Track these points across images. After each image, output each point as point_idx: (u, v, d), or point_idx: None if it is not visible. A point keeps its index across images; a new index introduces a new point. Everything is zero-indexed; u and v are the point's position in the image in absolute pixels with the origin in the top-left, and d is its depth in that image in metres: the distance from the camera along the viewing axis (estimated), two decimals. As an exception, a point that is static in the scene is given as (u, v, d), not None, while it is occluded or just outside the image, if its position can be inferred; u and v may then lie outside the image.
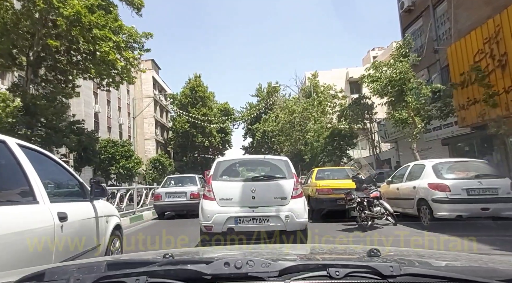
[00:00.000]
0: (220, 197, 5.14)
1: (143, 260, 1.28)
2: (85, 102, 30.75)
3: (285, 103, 35.87)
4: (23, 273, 1.00)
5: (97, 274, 0.93)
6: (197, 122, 45.49)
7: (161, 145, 48.34)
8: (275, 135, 37.09)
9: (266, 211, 5.01)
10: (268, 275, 0.87)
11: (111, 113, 36.55)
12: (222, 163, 5.78)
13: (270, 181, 5.33)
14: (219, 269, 0.88)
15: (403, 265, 0.90)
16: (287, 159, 5.82)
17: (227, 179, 5.47)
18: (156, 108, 47.44)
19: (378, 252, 1.12)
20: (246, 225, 4.96)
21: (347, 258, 1.29)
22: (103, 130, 33.11)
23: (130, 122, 42.08)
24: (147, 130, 44.90)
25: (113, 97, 37.06)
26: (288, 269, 0.88)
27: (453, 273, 0.87)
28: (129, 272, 0.89)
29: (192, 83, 46.67)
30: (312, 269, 0.90)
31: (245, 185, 5.22)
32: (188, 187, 11.41)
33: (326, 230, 7.16)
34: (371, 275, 0.87)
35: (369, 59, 47.64)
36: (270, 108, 47.24)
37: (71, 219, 2.61)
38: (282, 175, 5.43)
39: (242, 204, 5.07)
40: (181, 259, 1.18)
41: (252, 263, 0.88)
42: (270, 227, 4.99)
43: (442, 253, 1.56)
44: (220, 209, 5.06)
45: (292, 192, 5.16)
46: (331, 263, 0.91)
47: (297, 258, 1.38)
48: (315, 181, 9.48)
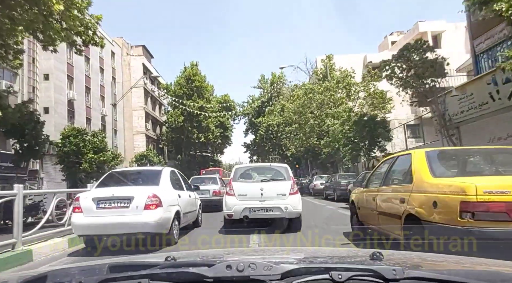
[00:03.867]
0: (238, 193, 7.14)
1: (145, 262, 1.31)
2: (55, 87, 25.70)
3: (293, 91, 30.76)
4: (25, 276, 1.02)
5: (99, 276, 0.94)
6: (193, 115, 40.40)
7: (153, 140, 43.21)
8: (283, 128, 31.77)
9: (271, 204, 6.93)
10: (270, 278, 0.86)
11: (92, 102, 31.46)
12: (239, 169, 8.02)
13: (274, 182, 7.31)
14: (221, 271, 0.87)
15: (406, 268, 0.90)
16: (286, 166, 7.89)
17: (243, 180, 7.51)
18: (147, 100, 42.33)
19: (380, 255, 1.08)
20: (257, 213, 6.95)
21: (349, 261, 1.23)
22: (80, 122, 28.02)
23: (117, 114, 37.01)
24: (136, 124, 39.78)
25: (94, 84, 31.98)
26: (290, 272, 0.88)
27: (456, 277, 0.88)
28: (131, 274, 0.91)
29: (188, 72, 41.54)
30: (314, 272, 0.89)
31: (256, 185, 7.27)
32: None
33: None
34: (374, 279, 0.86)
35: (387, 45, 42.59)
36: (275, 98, 42.00)
37: (191, 197, 7.91)
38: (283, 178, 7.42)
39: (254, 198, 7.02)
40: (183, 262, 1.14)
41: (254, 266, 0.88)
42: (274, 215, 6.95)
43: (445, 256, 1.42)
44: (238, 202, 7.04)
45: (290, 190, 7.05)
46: (334, 266, 0.92)
47: (299, 261, 1.30)
48: (441, 181, 3.64)
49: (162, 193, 6.23)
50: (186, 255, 1.51)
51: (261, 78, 49.78)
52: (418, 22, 34.13)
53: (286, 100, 31.19)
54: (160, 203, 6.12)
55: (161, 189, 6.38)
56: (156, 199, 6.13)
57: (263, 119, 43.96)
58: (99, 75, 33.29)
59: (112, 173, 7.39)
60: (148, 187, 6.28)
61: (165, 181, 6.99)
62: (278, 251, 1.94)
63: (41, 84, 25.39)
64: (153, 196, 6.12)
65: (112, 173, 7.39)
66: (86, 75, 30.72)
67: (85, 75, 30.46)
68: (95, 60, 32.54)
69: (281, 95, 37.94)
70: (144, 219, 5.75)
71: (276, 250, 2.08)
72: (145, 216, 5.79)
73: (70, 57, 28.17)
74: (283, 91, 37.85)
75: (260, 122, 45.47)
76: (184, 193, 7.73)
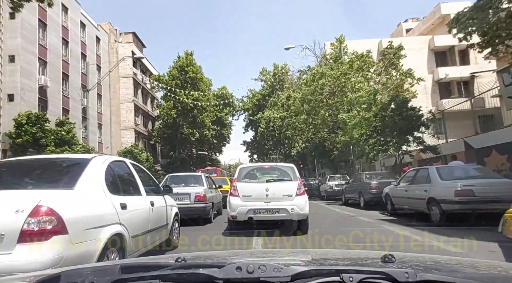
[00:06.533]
0: (243, 194, 6.82)
1: (156, 263, 1.30)
2: (22, 70, 21.94)
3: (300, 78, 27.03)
4: (40, 276, 1.02)
5: (111, 277, 0.95)
6: (187, 109, 36.68)
7: (144, 137, 39.46)
8: (288, 121, 27.95)
9: (277, 205, 6.60)
10: (280, 280, 0.85)
11: (70, 91, 27.71)
12: (243, 168, 7.59)
13: (280, 182, 6.96)
14: (231, 273, 0.87)
15: (418, 271, 0.89)
16: (293, 166, 7.49)
17: (247, 181, 7.13)
18: (137, 92, 38.60)
19: (392, 258, 1.07)
20: (262, 215, 6.63)
21: (360, 263, 1.21)
22: (55, 113, 24.30)
23: (102, 106, 33.30)
24: (125, 118, 36.02)
25: (73, 71, 28.23)
26: (301, 274, 0.87)
27: (471, 281, 0.86)
28: (142, 275, 0.91)
29: (182, 62, 37.82)
30: (325, 275, 0.88)
31: (261, 185, 6.89)
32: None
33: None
34: (386, 282, 0.85)
35: (401, 32, 38.94)
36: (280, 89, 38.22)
37: (155, 206, 4.75)
38: (289, 178, 7.05)
39: (259, 200, 6.68)
40: (193, 263, 1.15)
41: (264, 267, 0.87)
42: (280, 217, 6.64)
43: (459, 259, 1.44)
44: (243, 203, 6.72)
45: (296, 190, 6.72)
46: (345, 269, 0.90)
47: (309, 263, 1.32)
48: None
49: (71, 203, 3.19)
50: (197, 256, 1.52)
51: (262, 70, 46.08)
52: (440, 4, 30.61)
53: (292, 90, 27.39)
54: (61, 227, 2.92)
55: (70, 196, 3.28)
56: (50, 218, 2.88)
57: (266, 113, 40.14)
58: (81, 62, 29.53)
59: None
60: (39, 194, 3.08)
61: (89, 180, 3.65)
62: (288, 252, 1.86)
63: (5, 67, 21.65)
64: (44, 212, 2.85)
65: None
66: (64, 60, 26.96)
67: (62, 60, 26.70)
68: (75, 45, 28.80)
69: (285, 87, 34.15)
70: (18, 262, 2.67)
71: (286, 252, 2.00)
72: (19, 256, 2.71)
73: (44, 37, 24.45)
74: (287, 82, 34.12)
75: (261, 118, 41.66)
76: (139, 200, 4.43)
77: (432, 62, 30.55)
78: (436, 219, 7.49)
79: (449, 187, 7.10)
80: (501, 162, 11.89)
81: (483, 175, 7.62)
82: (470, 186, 6.75)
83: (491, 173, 8.25)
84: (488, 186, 6.80)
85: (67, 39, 27.46)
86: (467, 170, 8.27)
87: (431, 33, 32.11)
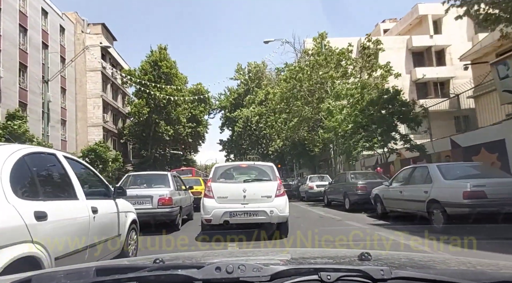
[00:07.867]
0: (218, 196, 6.28)
1: (133, 265, 1.25)
2: (-30, 57, 19.51)
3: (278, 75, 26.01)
4: (9, 280, 0.97)
5: (85, 280, 0.92)
6: (160, 106, 34.80)
7: (113, 134, 37.12)
8: (266, 118, 26.82)
9: (255, 207, 6.14)
10: (259, 279, 0.85)
11: (28, 84, 25.24)
12: (219, 168, 6.99)
13: (258, 183, 6.50)
14: (210, 274, 0.86)
15: (393, 268, 0.90)
16: (272, 165, 7.02)
17: (223, 181, 6.59)
18: (106, 87, 36.22)
19: (369, 256, 1.09)
20: (239, 218, 6.13)
21: (338, 262, 1.25)
22: (10, 106, 21.87)
23: (66, 101, 30.83)
24: (92, 114, 33.61)
25: (32, 62, 25.77)
26: (280, 274, 0.87)
27: (443, 277, 0.88)
28: (119, 277, 0.89)
29: (155, 56, 35.86)
30: (303, 273, 0.89)
31: (238, 186, 6.39)
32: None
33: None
34: (362, 279, 0.86)
35: (379, 32, 38.81)
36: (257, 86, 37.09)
37: (100, 212, 3.63)
38: (268, 178, 6.57)
39: (236, 201, 6.18)
40: (171, 264, 1.13)
41: (244, 267, 0.87)
42: (258, 220, 6.17)
43: (431, 256, 1.49)
44: (218, 205, 6.18)
45: (276, 191, 6.29)
46: (323, 267, 0.91)
47: (288, 262, 1.32)
48: None
49: None
50: (175, 257, 1.47)
51: (237, 68, 44.75)
52: (418, 4, 30.58)
53: (271, 87, 26.30)
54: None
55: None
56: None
57: (243, 112, 38.88)
58: (42, 52, 27.04)
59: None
60: None
61: None
62: (267, 252, 1.91)
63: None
64: None
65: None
66: (21, 49, 24.50)
67: (19, 49, 24.24)
68: (35, 33, 26.34)
69: (262, 84, 33.06)
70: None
71: (265, 251, 2.03)
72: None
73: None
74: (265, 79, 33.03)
75: (238, 116, 40.38)
76: (71, 206, 3.36)
77: (410, 62, 30.49)
78: (439, 223, 6.54)
79: (455, 188, 6.14)
80: (491, 161, 11.27)
81: (491, 174, 6.75)
82: (482, 186, 5.81)
83: (497, 171, 7.43)
84: (501, 186, 5.89)
85: (25, 27, 25.01)
86: (469, 168, 7.39)
87: (408, 33, 32.07)
